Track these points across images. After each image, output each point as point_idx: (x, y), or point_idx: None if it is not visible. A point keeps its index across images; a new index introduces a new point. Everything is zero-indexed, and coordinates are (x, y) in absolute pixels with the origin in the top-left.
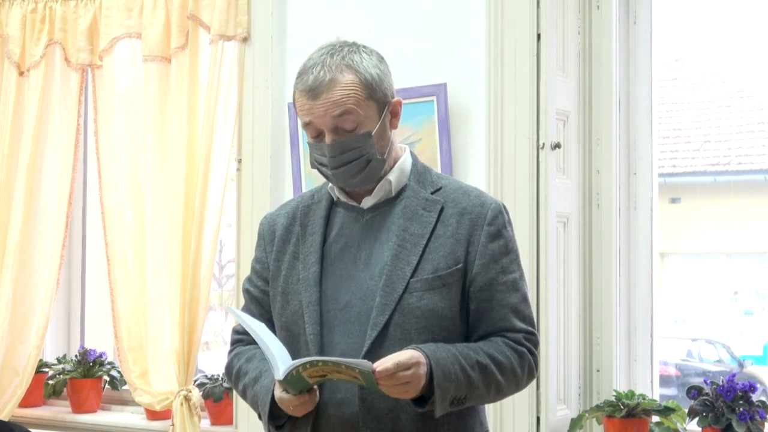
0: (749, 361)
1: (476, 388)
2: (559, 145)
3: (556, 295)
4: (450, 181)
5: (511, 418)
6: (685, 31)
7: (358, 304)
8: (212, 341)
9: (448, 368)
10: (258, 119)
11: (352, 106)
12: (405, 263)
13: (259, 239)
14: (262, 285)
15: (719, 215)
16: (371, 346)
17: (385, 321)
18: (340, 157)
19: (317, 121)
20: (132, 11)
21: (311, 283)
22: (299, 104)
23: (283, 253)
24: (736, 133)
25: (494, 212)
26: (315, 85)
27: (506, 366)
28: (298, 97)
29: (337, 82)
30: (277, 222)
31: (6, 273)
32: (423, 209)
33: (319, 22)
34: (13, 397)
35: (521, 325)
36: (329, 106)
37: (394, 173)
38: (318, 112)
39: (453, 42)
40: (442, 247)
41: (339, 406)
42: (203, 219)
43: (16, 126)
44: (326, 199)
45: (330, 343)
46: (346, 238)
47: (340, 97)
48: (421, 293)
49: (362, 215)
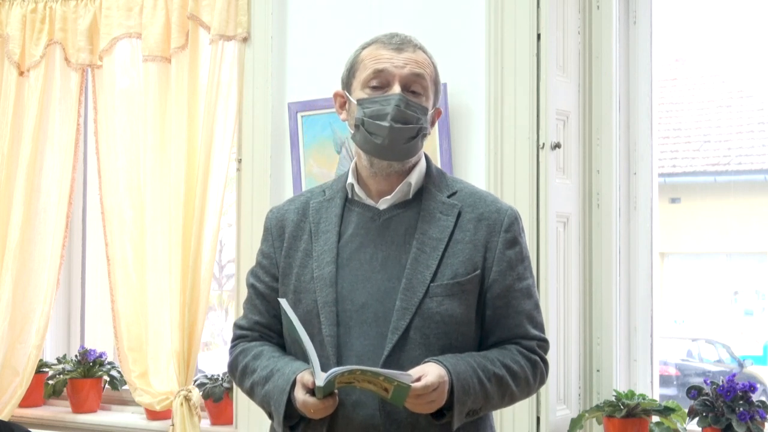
0: (749, 361)
1: (492, 399)
2: (559, 145)
3: (556, 295)
4: (464, 185)
5: (511, 418)
6: (685, 31)
7: (374, 305)
8: (212, 341)
9: (468, 382)
10: (258, 119)
11: (428, 75)
12: (424, 267)
13: (266, 233)
14: (269, 281)
15: (719, 215)
16: (392, 350)
17: (406, 325)
18: (405, 112)
19: (394, 70)
20: (132, 11)
21: (327, 282)
22: (374, 55)
23: (294, 250)
24: (736, 133)
25: (510, 219)
26: (401, 42)
27: (520, 376)
28: (376, 49)
29: (421, 51)
30: (286, 217)
31: (6, 273)
32: (440, 213)
33: (319, 22)
34: (13, 397)
35: (535, 332)
36: (411, 63)
37: (414, 175)
38: (398, 62)
39: (453, 42)
40: (461, 253)
41: (354, 407)
42: (203, 219)
43: (16, 126)
44: (340, 197)
45: (346, 344)
46: (361, 238)
47: (423, 60)
48: (441, 298)
49: (379, 216)
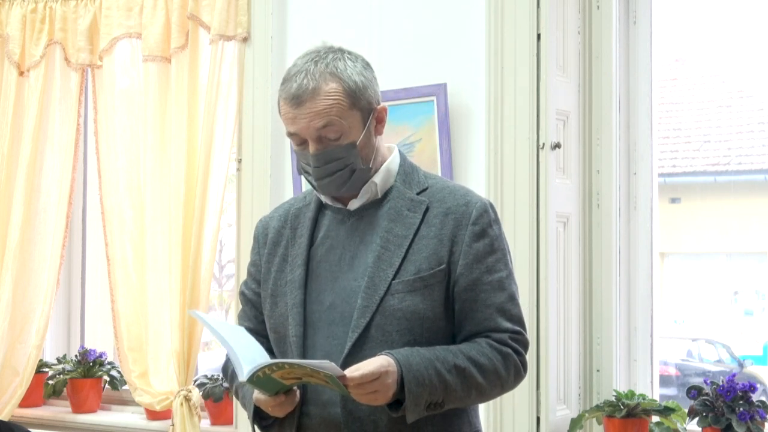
0: (749, 361)
1: (453, 391)
2: (559, 145)
3: (556, 295)
4: (437, 181)
5: (511, 418)
6: (685, 31)
7: (341, 305)
8: (212, 341)
9: (422, 373)
10: (258, 119)
11: (335, 117)
12: (387, 265)
13: (254, 242)
14: (255, 287)
15: (719, 215)
16: (352, 348)
17: (366, 323)
18: (324, 167)
19: (301, 131)
20: (132, 11)
21: (296, 285)
22: (284, 112)
23: (273, 256)
24: (736, 133)
25: (479, 211)
26: (298, 93)
27: (488, 368)
28: (283, 104)
29: (321, 92)
30: (270, 225)
31: (6, 273)
32: (408, 210)
33: (319, 22)
34: (13, 397)
35: (507, 325)
36: (312, 117)
37: (380, 175)
38: (302, 123)
39: (453, 42)
40: (425, 248)
41: (324, 406)
42: (203, 219)
43: (16, 126)
44: (315, 202)
45: (313, 344)
46: (332, 240)
47: (324, 107)
48: (403, 295)
49: (348, 217)
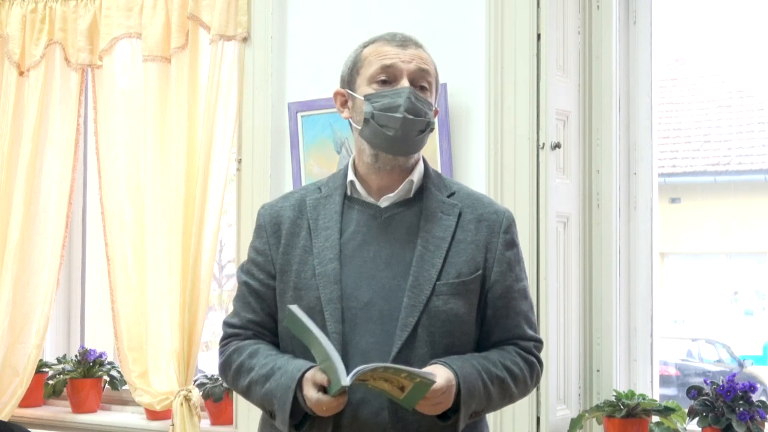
0: (749, 361)
1: (493, 400)
2: (559, 145)
3: (556, 295)
4: (461, 186)
5: (511, 418)
6: (685, 31)
7: (380, 303)
8: (212, 341)
9: (473, 385)
10: (258, 119)
11: (432, 71)
12: (430, 265)
13: (259, 229)
14: (264, 278)
15: (719, 215)
16: (401, 348)
17: (414, 322)
18: (416, 104)
19: (402, 65)
20: (132, 11)
21: (331, 279)
22: (379, 52)
23: (292, 247)
24: (736, 133)
25: (509, 221)
26: (405, 38)
27: (519, 377)
28: (379, 46)
29: (424, 47)
30: (282, 214)
31: (6, 273)
32: (441, 212)
33: (319, 22)
34: (13, 397)
35: (531, 333)
36: (417, 59)
37: (416, 174)
38: (405, 58)
39: (453, 42)
40: (464, 253)
41: (359, 405)
42: (203, 219)
43: (16, 126)
44: (339, 194)
45: (352, 341)
46: (363, 235)
47: (426, 57)
48: (447, 297)
49: (380, 213)
